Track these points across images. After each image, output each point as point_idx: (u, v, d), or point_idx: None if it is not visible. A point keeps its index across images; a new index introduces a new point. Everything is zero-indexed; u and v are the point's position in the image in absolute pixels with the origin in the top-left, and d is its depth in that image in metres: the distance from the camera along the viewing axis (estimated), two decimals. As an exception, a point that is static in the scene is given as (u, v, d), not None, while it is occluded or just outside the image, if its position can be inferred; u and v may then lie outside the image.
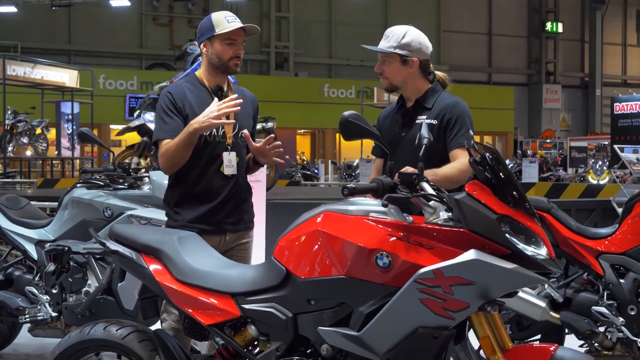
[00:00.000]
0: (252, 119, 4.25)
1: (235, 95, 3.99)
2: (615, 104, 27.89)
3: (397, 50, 4.09)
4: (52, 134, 20.12)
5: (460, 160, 3.91)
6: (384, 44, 4.14)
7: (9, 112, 17.52)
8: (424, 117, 4.08)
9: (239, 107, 3.88)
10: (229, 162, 4.07)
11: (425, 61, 4.17)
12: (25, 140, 18.15)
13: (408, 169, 3.26)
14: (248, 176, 4.31)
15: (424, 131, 3.30)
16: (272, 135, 4.11)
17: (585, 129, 41.39)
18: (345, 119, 3.16)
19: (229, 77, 4.23)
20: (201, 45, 4.12)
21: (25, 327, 6.04)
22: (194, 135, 3.89)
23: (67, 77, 19.90)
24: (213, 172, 4.08)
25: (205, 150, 4.05)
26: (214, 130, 4.05)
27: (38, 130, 18.51)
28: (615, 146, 10.30)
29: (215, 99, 3.95)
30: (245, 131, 4.06)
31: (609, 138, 29.41)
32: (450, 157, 4.00)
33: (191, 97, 4.06)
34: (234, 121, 4.07)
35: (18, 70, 18.41)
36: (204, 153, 4.06)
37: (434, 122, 4.06)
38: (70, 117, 19.95)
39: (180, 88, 4.11)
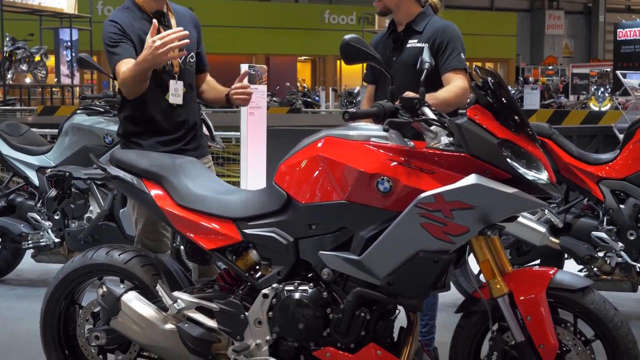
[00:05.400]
0: (196, 39, 4.01)
1: (180, 29, 3.60)
2: (618, 30, 27.68)
3: None
4: (51, 61, 19.97)
5: (455, 84, 3.88)
6: None
7: (7, 39, 17.35)
8: (415, 41, 4.03)
9: (187, 40, 3.53)
10: (175, 91, 3.83)
11: None
12: (24, 67, 18.02)
13: (409, 94, 3.24)
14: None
15: (426, 56, 3.28)
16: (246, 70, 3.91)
17: (587, 56, 41.09)
18: (347, 42, 3.12)
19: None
20: None
21: (29, 253, 6.10)
22: (145, 70, 3.57)
23: (64, 3, 19.62)
24: (161, 100, 3.84)
25: (152, 79, 3.72)
26: None
27: (37, 58, 18.37)
28: (618, 72, 10.23)
29: (148, 35, 3.53)
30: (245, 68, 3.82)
31: (611, 64, 29.22)
32: (443, 80, 3.96)
33: (137, 25, 3.82)
34: (185, 52, 3.76)
35: (15, -5, 18.19)
36: (151, 82, 3.72)
37: (425, 45, 4.01)
38: (69, 44, 19.74)
39: (124, 16, 3.85)
